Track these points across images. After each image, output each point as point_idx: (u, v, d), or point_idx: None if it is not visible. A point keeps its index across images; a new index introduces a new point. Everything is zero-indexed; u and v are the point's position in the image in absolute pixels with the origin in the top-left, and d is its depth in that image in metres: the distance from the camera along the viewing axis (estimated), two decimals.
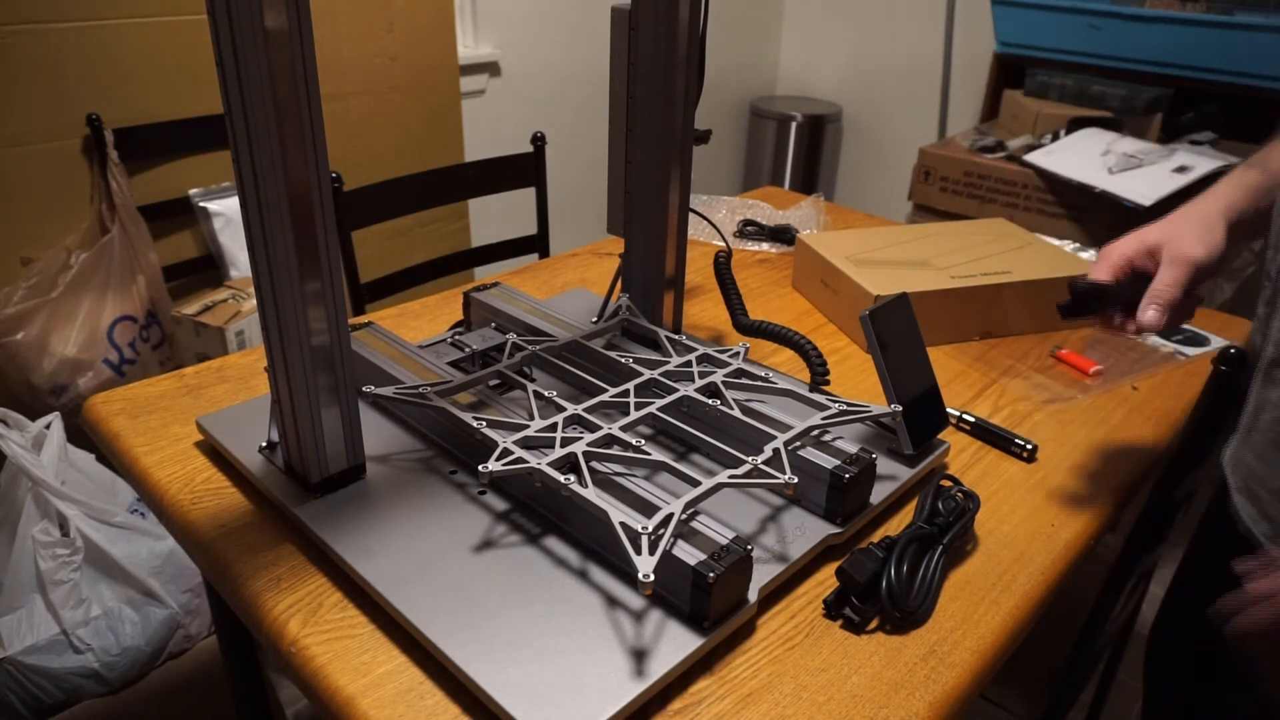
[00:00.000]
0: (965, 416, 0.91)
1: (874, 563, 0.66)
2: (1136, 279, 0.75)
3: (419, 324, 1.10)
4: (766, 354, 1.05)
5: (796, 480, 0.66)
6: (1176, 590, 0.92)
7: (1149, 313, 0.72)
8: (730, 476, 0.67)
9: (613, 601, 0.63)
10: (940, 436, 0.84)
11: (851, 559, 0.66)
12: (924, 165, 2.19)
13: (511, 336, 0.90)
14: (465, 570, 0.65)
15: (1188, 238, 0.73)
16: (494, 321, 0.99)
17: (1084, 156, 1.96)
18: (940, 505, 0.72)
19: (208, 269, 1.80)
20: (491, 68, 2.49)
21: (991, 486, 0.82)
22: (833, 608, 0.66)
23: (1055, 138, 2.11)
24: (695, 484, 0.65)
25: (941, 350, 1.08)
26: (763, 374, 0.84)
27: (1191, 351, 1.09)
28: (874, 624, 0.65)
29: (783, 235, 1.41)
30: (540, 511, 0.72)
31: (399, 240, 2.08)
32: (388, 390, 0.77)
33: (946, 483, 0.76)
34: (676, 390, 0.81)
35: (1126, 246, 0.76)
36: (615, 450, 0.71)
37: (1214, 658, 0.83)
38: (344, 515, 0.70)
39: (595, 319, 0.99)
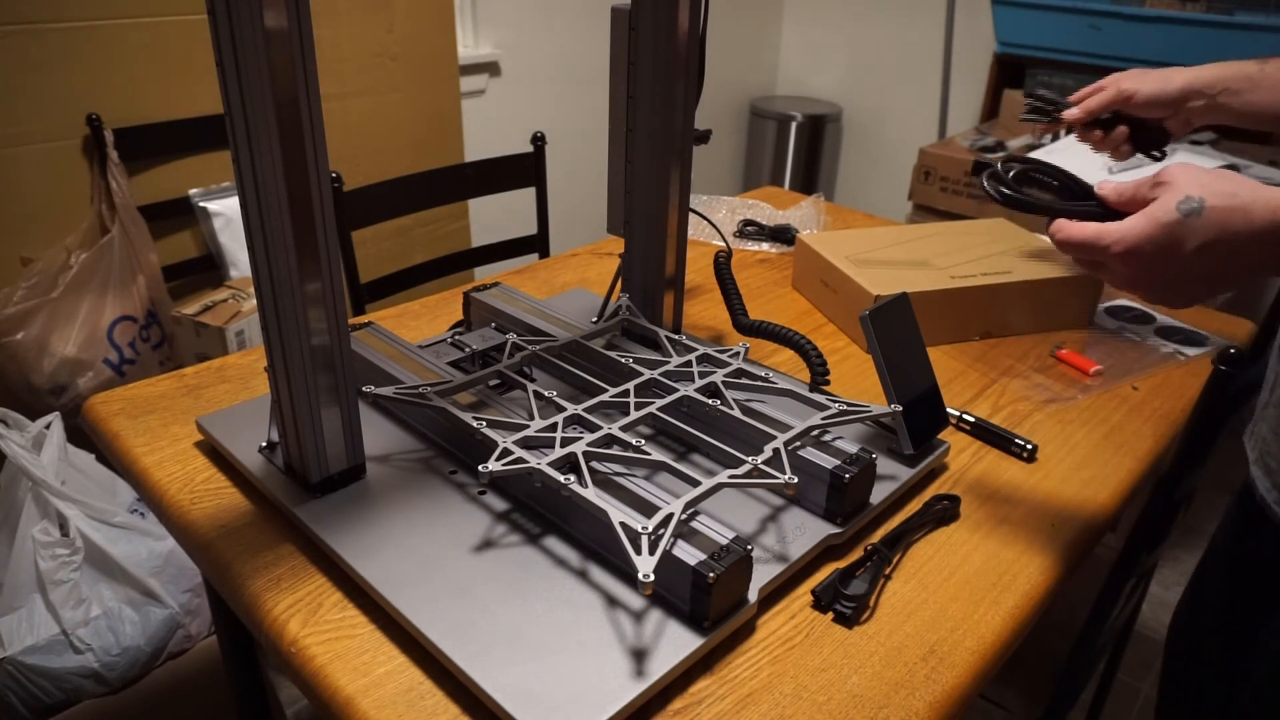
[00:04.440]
0: (965, 416, 0.91)
1: None
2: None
3: (419, 324, 1.10)
4: (766, 354, 1.05)
5: (796, 480, 0.66)
6: (1201, 579, 0.92)
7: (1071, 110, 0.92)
8: (730, 476, 0.67)
9: (613, 601, 0.63)
10: (940, 436, 0.84)
11: None
12: (924, 165, 2.19)
13: (511, 336, 0.90)
14: (465, 570, 0.65)
15: (1136, 78, 0.89)
16: (494, 321, 0.99)
17: (1084, 156, 1.96)
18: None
19: (208, 269, 1.80)
20: (491, 68, 2.49)
21: (991, 486, 0.82)
22: (822, 598, 0.66)
23: (1055, 137, 2.10)
24: (695, 484, 0.65)
25: (941, 350, 1.08)
26: (763, 374, 0.84)
27: (1191, 351, 1.09)
28: (865, 616, 0.65)
29: (783, 235, 1.41)
30: (540, 511, 0.72)
31: (399, 240, 2.08)
32: (388, 390, 0.77)
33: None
34: (676, 390, 0.81)
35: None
36: (615, 450, 0.71)
37: (1236, 649, 0.83)
38: (344, 515, 0.70)
39: (595, 319, 0.99)
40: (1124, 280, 0.62)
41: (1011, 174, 0.65)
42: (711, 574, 0.58)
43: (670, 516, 0.61)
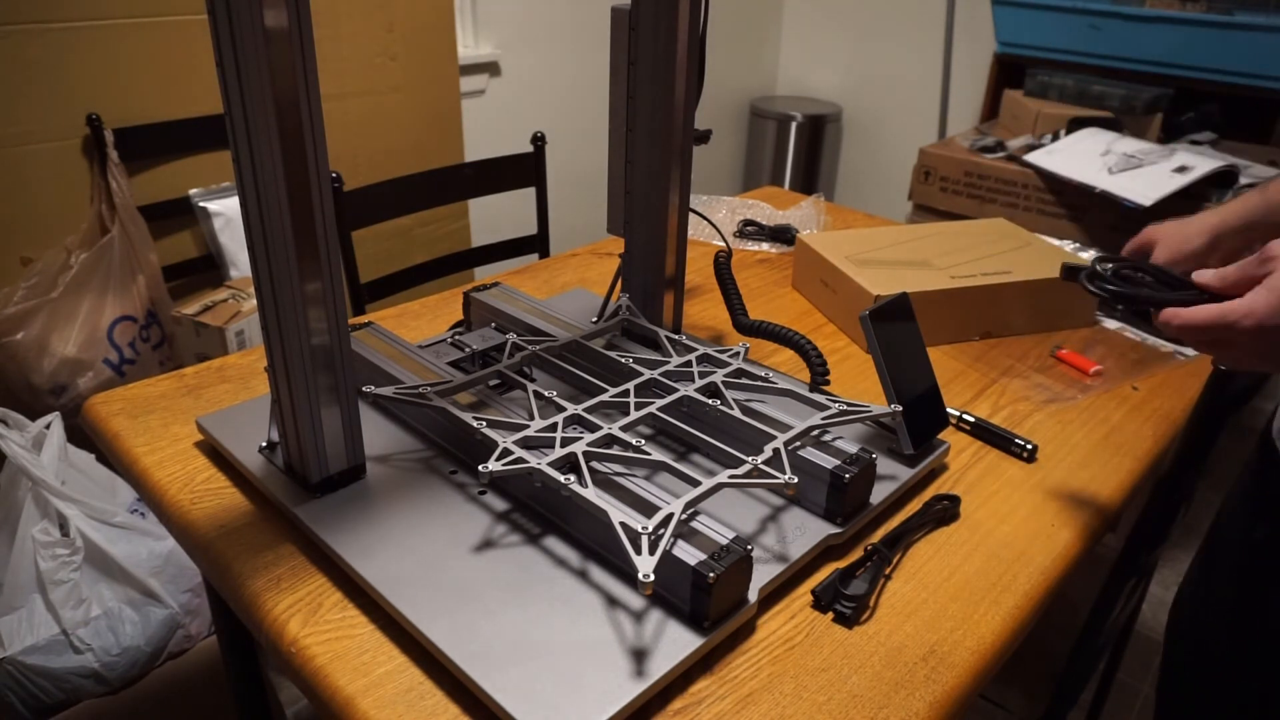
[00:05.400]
0: (965, 416, 0.91)
1: None
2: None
3: (419, 324, 1.10)
4: (766, 354, 1.05)
5: (796, 480, 0.66)
6: (1209, 565, 0.92)
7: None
8: (730, 476, 0.67)
9: (613, 601, 0.63)
10: (940, 436, 0.84)
11: None
12: (924, 165, 2.19)
13: (511, 336, 0.90)
14: (465, 570, 0.65)
15: (1162, 230, 0.85)
16: (494, 321, 0.99)
17: (1084, 156, 1.96)
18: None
19: (208, 269, 1.80)
20: (491, 68, 2.49)
21: (991, 486, 0.82)
22: (822, 598, 0.66)
23: (1055, 138, 2.11)
24: (695, 484, 0.65)
25: (941, 350, 1.08)
26: (763, 374, 0.84)
27: (1191, 351, 1.09)
28: (865, 616, 0.65)
29: (783, 235, 1.41)
30: (540, 511, 0.72)
31: (399, 240, 2.08)
32: (388, 390, 0.77)
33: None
34: (676, 390, 0.81)
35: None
36: (615, 450, 0.71)
37: (1243, 626, 0.83)
38: (344, 515, 0.70)
39: (595, 319, 0.99)
40: (1254, 355, 0.62)
41: (1109, 272, 0.67)
42: (711, 574, 0.58)
43: (670, 516, 0.61)
